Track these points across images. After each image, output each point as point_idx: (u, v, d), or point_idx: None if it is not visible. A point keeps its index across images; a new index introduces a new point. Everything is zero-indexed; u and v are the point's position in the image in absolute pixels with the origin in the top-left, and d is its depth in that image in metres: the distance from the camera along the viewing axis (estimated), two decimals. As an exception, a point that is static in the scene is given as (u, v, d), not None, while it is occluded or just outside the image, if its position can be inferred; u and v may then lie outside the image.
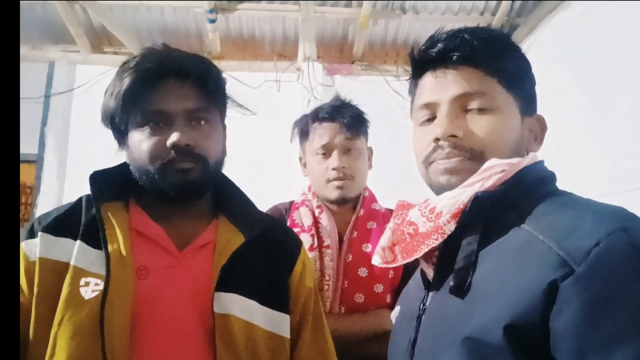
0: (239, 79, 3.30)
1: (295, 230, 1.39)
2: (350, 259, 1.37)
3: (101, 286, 0.83)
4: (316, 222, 1.42)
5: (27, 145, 3.28)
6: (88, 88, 3.43)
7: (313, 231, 1.39)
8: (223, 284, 0.90)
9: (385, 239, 0.84)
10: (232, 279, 0.92)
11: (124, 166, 1.00)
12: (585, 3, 2.54)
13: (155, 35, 3.49)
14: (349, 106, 1.50)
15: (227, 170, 1.05)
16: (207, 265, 0.93)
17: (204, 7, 3.08)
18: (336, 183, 1.39)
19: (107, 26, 3.24)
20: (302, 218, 1.43)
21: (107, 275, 0.84)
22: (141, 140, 0.93)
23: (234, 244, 0.95)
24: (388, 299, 1.35)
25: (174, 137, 0.91)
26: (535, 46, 2.99)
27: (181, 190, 0.93)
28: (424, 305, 0.78)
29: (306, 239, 1.36)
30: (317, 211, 1.44)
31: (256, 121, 1.13)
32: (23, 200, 3.40)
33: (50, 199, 3.31)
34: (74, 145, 3.41)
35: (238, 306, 0.91)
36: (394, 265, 0.81)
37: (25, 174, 3.35)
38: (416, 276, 0.88)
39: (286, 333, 0.97)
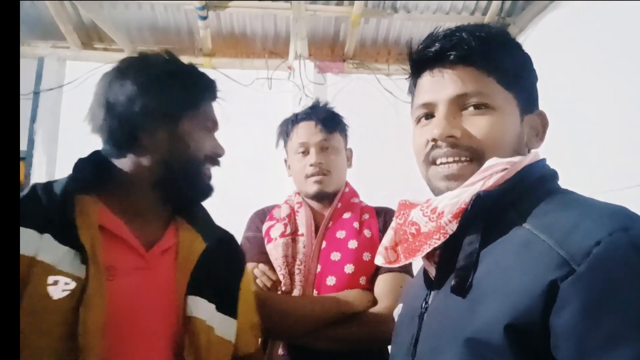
0: (230, 77, 3.30)
1: (272, 222, 1.49)
2: (324, 246, 1.43)
3: (71, 285, 0.80)
4: (294, 214, 1.51)
5: (16, 142, 3.25)
6: (78, 84, 3.40)
7: (286, 221, 1.47)
8: (192, 288, 0.92)
9: (387, 239, 0.84)
10: (198, 283, 0.94)
11: (92, 157, 0.98)
12: (575, 3, 2.56)
13: (146, 32, 3.46)
14: (324, 106, 1.61)
15: (218, 169, 1.06)
16: (171, 268, 0.94)
17: (195, 4, 3.06)
18: (314, 178, 1.48)
19: (97, 23, 3.21)
20: (280, 213, 1.52)
21: (86, 275, 0.81)
22: (199, 138, 1.00)
23: (197, 248, 0.98)
24: (362, 281, 1.37)
25: (222, 149, 1.05)
26: (526, 45, 3.00)
27: (204, 192, 1.02)
28: (426, 304, 0.78)
29: (279, 227, 1.47)
30: (296, 206, 1.53)
31: (248, 119, 1.14)
32: (12, 197, 3.37)
33: (40, 196, 3.28)
34: (63, 142, 3.36)
35: (202, 309, 0.93)
36: (397, 265, 0.81)
37: (14, 171, 3.31)
38: (418, 274, 0.89)
39: (233, 338, 1.01)
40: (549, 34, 2.81)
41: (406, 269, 1.36)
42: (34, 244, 0.81)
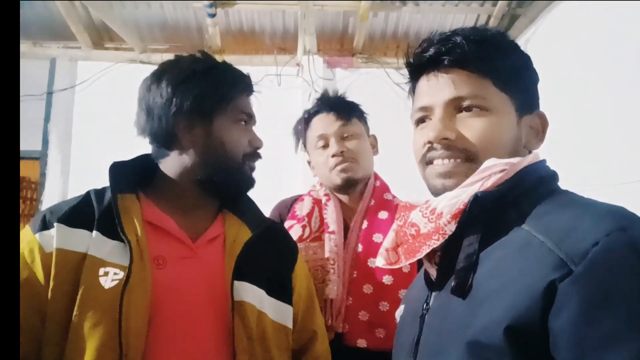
0: (240, 74, 3.31)
1: (292, 222, 1.42)
2: (360, 250, 1.36)
3: (120, 275, 0.87)
4: (319, 209, 1.43)
5: (31, 142, 3.29)
6: (90, 84, 3.44)
7: (305, 222, 1.40)
8: (238, 273, 0.96)
9: (389, 241, 0.85)
10: (244, 269, 0.97)
11: (137, 160, 1.06)
12: (585, -7, 2.53)
13: (156, 31, 3.49)
14: (336, 96, 1.54)
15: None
16: (219, 256, 1.00)
17: (204, 2, 3.08)
18: (339, 167, 1.40)
19: (108, 22, 3.24)
20: (302, 209, 1.44)
21: (130, 263, 0.87)
22: (234, 133, 1.04)
23: (243, 236, 1.02)
24: (402, 294, 1.30)
25: (260, 142, 1.09)
26: (536, 36, 2.98)
27: (248, 186, 1.07)
28: (427, 305, 0.79)
29: (297, 230, 1.38)
30: (324, 199, 1.45)
31: (258, 116, 1.14)
32: (28, 196, 3.43)
33: (55, 194, 3.33)
34: (76, 141, 3.41)
35: (250, 294, 0.97)
36: (397, 266, 0.82)
37: (30, 171, 3.37)
38: (420, 276, 0.89)
39: (290, 324, 1.04)
40: (559, 24, 2.78)
41: None
42: (85, 241, 0.90)
